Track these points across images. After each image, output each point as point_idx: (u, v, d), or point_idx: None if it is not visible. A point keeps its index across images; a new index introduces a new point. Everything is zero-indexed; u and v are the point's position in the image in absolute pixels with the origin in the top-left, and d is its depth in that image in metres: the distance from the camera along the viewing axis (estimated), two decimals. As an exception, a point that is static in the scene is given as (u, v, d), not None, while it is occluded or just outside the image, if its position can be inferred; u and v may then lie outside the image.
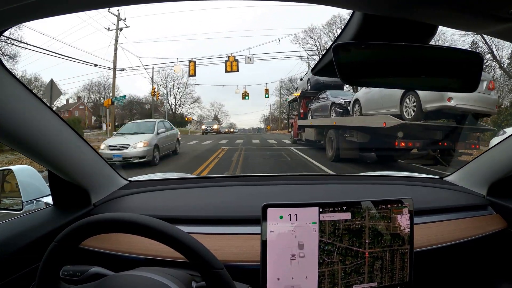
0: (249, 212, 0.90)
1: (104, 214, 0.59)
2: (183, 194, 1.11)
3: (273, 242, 0.72)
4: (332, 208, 0.73)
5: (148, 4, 0.46)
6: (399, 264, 0.77)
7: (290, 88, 34.95)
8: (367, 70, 0.53)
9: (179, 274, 0.65)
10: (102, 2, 0.46)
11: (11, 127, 0.65)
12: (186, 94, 38.55)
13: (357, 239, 0.75)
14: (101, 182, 1.02)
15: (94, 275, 0.67)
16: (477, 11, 0.42)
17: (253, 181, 1.23)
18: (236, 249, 0.82)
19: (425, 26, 0.52)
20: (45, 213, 0.93)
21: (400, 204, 0.78)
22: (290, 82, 35.43)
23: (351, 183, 1.24)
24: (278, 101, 39.29)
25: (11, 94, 0.63)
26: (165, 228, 0.57)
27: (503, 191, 1.08)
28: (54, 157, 0.80)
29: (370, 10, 0.48)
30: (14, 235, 0.79)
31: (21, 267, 0.77)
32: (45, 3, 0.44)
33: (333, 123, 7.69)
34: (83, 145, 0.89)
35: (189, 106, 39.27)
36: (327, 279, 0.73)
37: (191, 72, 18.86)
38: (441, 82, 0.56)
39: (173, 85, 37.22)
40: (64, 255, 0.59)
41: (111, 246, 0.83)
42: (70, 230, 0.58)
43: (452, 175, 1.26)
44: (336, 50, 0.51)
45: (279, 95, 37.59)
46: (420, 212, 0.97)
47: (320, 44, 28.61)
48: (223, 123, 41.29)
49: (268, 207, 0.71)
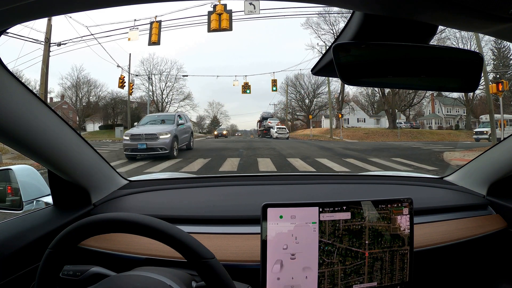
0: (249, 212, 0.90)
1: (90, 217, 0.58)
2: (183, 194, 1.11)
3: (273, 242, 0.72)
4: (332, 208, 0.74)
5: (148, 4, 0.46)
6: (399, 264, 0.77)
7: (297, 85, 34.18)
8: (367, 70, 0.53)
9: (179, 274, 0.66)
10: (102, 2, 0.46)
11: (11, 127, 0.65)
12: (175, 89, 31.83)
13: (357, 240, 0.75)
14: (101, 182, 1.02)
15: (94, 275, 0.67)
16: (477, 11, 0.42)
17: (253, 180, 1.23)
18: (236, 248, 0.82)
19: (425, 26, 0.52)
20: (45, 213, 0.93)
21: (400, 204, 0.78)
22: (296, 79, 33.52)
23: (351, 183, 1.24)
24: (283, 101, 36.36)
25: (11, 94, 0.63)
26: (152, 222, 0.56)
27: (503, 191, 1.08)
28: (54, 157, 0.80)
29: (370, 10, 0.48)
30: (14, 235, 0.79)
31: (21, 267, 0.77)
32: (45, 3, 0.44)
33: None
34: (83, 145, 0.89)
35: (178, 104, 32.67)
36: (327, 279, 0.73)
37: (153, 39, 11.66)
38: (441, 82, 0.56)
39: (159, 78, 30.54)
40: (61, 259, 0.58)
41: (111, 246, 0.83)
42: (63, 235, 0.58)
43: (452, 175, 1.27)
44: (336, 50, 0.51)
45: (286, 94, 34.88)
46: (420, 212, 0.97)
47: (336, 31, 24.96)
48: (222, 124, 39.34)
49: (268, 207, 0.71)
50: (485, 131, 18.24)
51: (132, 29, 13.76)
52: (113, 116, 31.39)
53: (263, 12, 12.41)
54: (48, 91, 18.70)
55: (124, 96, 28.35)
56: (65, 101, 30.78)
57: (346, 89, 29.73)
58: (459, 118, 29.84)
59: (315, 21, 28.86)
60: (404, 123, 28.10)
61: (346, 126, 30.13)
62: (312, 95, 34.23)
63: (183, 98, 32.11)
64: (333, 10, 23.17)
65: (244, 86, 19.55)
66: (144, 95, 30.73)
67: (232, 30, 9.96)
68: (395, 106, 27.51)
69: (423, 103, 32.39)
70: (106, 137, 24.27)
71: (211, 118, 39.18)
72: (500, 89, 11.78)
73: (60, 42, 15.95)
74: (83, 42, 22.01)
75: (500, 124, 13.98)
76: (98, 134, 27.17)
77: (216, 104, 41.67)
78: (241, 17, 10.73)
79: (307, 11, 36.01)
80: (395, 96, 27.39)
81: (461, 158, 8.92)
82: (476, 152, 9.02)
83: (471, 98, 26.18)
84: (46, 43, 15.03)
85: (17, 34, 13.70)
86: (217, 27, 9.97)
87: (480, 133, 18.64)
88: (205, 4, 10.71)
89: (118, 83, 18.86)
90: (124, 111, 28.62)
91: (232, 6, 10.10)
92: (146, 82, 29.77)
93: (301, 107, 35.36)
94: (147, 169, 7.28)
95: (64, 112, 28.72)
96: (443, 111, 31.07)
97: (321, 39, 28.09)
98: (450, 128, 29.92)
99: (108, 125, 30.37)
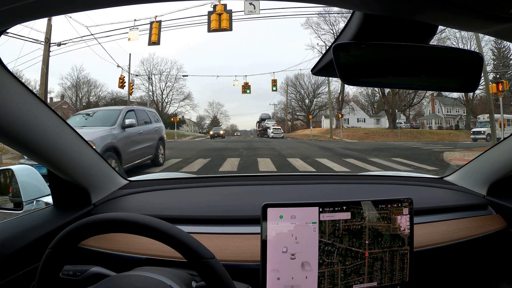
0: (249, 212, 0.90)
1: (90, 217, 0.58)
2: (183, 194, 1.11)
3: (273, 242, 0.72)
4: (332, 208, 0.74)
5: (148, 4, 0.46)
6: (399, 264, 0.77)
7: (297, 85, 34.25)
8: (367, 70, 0.53)
9: (179, 274, 0.65)
10: (102, 2, 0.46)
11: (11, 127, 0.65)
12: (175, 89, 32.58)
13: (357, 240, 0.75)
14: (101, 182, 1.02)
15: (94, 275, 0.67)
16: (477, 11, 0.42)
17: (253, 180, 1.23)
18: (236, 249, 0.82)
19: (425, 26, 0.52)
20: (45, 213, 0.93)
21: (400, 204, 0.78)
22: (296, 79, 33.82)
23: (351, 183, 1.24)
24: (283, 101, 36.52)
25: (11, 94, 0.63)
26: (152, 222, 0.56)
27: (503, 191, 1.08)
28: (54, 157, 0.80)
29: (370, 10, 0.48)
30: (14, 235, 0.79)
31: (21, 267, 0.77)
32: (45, 3, 0.44)
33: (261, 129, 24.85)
34: (83, 145, 0.89)
35: (178, 104, 33.63)
36: (327, 279, 0.73)
37: (153, 39, 11.69)
38: (441, 82, 0.56)
39: (159, 78, 31.24)
40: (61, 259, 0.58)
41: (111, 246, 0.83)
42: (63, 235, 0.58)
43: (452, 175, 1.26)
44: (336, 50, 0.51)
45: (286, 94, 35.05)
46: (420, 212, 0.97)
47: (336, 31, 25.41)
48: (222, 124, 39.07)
49: (268, 207, 0.71)
50: (483, 131, 18.27)
51: (132, 29, 13.84)
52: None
53: (263, 12, 12.54)
54: (48, 91, 18.41)
55: (124, 96, 28.29)
56: (65, 101, 30.67)
57: (346, 89, 29.81)
58: (459, 118, 29.87)
59: (315, 21, 29.01)
60: (404, 123, 28.12)
61: (346, 126, 30.19)
62: (312, 95, 34.38)
63: (183, 98, 32.45)
64: (333, 10, 23.16)
65: (244, 86, 19.64)
66: (144, 95, 30.70)
67: (232, 30, 9.90)
68: (395, 106, 27.52)
69: (423, 103, 32.46)
70: (106, 137, 24.16)
71: (211, 118, 39.21)
72: (500, 89, 11.80)
73: (60, 42, 15.98)
74: (83, 42, 21.98)
75: (500, 124, 13.99)
76: (98, 134, 27.03)
77: (216, 104, 41.78)
78: (241, 17, 10.75)
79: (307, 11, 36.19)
80: (395, 96, 27.39)
81: (461, 158, 8.93)
82: (476, 152, 9.03)
83: (471, 98, 26.22)
84: (46, 43, 15.00)
85: (17, 34, 13.66)
86: (217, 27, 9.92)
87: (478, 133, 18.66)
88: (205, 4, 10.76)
89: (118, 83, 18.82)
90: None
91: (232, 6, 10.14)
92: (146, 82, 29.75)
93: (301, 107, 35.43)
94: (147, 169, 7.29)
95: (64, 112, 28.51)
96: (443, 111, 31.09)
97: (321, 39, 28.26)
98: (450, 128, 29.95)
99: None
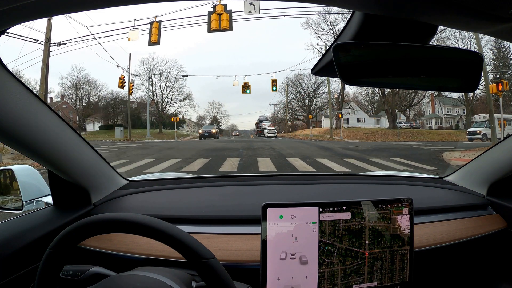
0: (249, 212, 0.90)
1: (90, 217, 0.58)
2: (183, 194, 1.11)
3: (273, 242, 0.72)
4: (332, 208, 0.74)
5: (148, 4, 0.47)
6: (399, 264, 0.77)
7: (297, 85, 34.29)
8: (367, 70, 0.53)
9: (179, 274, 0.66)
10: (102, 2, 0.46)
11: (11, 127, 0.65)
12: (175, 89, 31.86)
13: (357, 240, 0.75)
14: (101, 182, 1.02)
15: (94, 275, 0.67)
16: (477, 11, 0.42)
17: (253, 180, 1.23)
18: (236, 249, 0.82)
19: (425, 26, 0.52)
20: (45, 213, 0.93)
21: (400, 204, 0.78)
22: (296, 79, 33.78)
23: (351, 183, 1.24)
24: (283, 101, 36.48)
25: (11, 94, 0.63)
26: (152, 222, 0.56)
27: (503, 191, 1.08)
28: (54, 157, 0.80)
29: (370, 10, 0.48)
30: (14, 235, 0.79)
31: (21, 267, 0.77)
32: (45, 3, 0.44)
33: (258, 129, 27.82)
34: (83, 145, 0.89)
35: (178, 104, 33.01)
36: (327, 279, 0.73)
37: (153, 39, 11.65)
38: (441, 82, 0.56)
39: (159, 78, 30.61)
40: (61, 259, 0.58)
41: (111, 246, 0.83)
42: (63, 235, 0.58)
43: (452, 175, 1.26)
44: (336, 50, 0.51)
45: (286, 94, 35.01)
46: (420, 212, 0.97)
47: (336, 31, 25.21)
48: (222, 125, 39.18)
49: (268, 207, 0.71)
50: (478, 131, 18.26)
51: (132, 29, 13.79)
52: (113, 116, 31.33)
53: (263, 12, 12.47)
54: (48, 91, 18.28)
55: (124, 96, 28.27)
56: (65, 101, 30.56)
57: (346, 89, 29.79)
58: (459, 118, 29.86)
59: (315, 21, 28.98)
60: (404, 123, 28.12)
61: (346, 126, 30.20)
62: (312, 95, 34.43)
63: (183, 98, 32.31)
64: (333, 10, 23.15)
65: (244, 86, 19.68)
66: (144, 95, 30.80)
67: (232, 30, 9.87)
68: (395, 106, 27.51)
69: (423, 103, 32.45)
70: (106, 137, 24.28)
71: (211, 118, 39.24)
72: (500, 89, 11.79)
73: (60, 42, 15.97)
74: (83, 42, 22.41)
75: (500, 124, 13.99)
76: (98, 134, 27.13)
77: (216, 104, 41.78)
78: (241, 17, 10.63)
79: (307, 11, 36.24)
80: (395, 96, 27.38)
81: (461, 158, 8.93)
82: (476, 152, 9.04)
83: (471, 98, 26.21)
84: (46, 43, 14.94)
85: (17, 34, 13.62)
86: (217, 27, 9.90)
87: (473, 133, 18.63)
88: (205, 4, 10.75)
89: (118, 83, 18.93)
90: (124, 111, 28.63)
91: (232, 6, 10.16)
92: (146, 82, 29.70)
93: (301, 107, 35.48)
94: (147, 169, 7.29)
95: (64, 112, 28.50)
96: (443, 111, 31.09)
97: (321, 39, 28.20)
98: (450, 128, 29.95)
99: (108, 125, 30.38)
